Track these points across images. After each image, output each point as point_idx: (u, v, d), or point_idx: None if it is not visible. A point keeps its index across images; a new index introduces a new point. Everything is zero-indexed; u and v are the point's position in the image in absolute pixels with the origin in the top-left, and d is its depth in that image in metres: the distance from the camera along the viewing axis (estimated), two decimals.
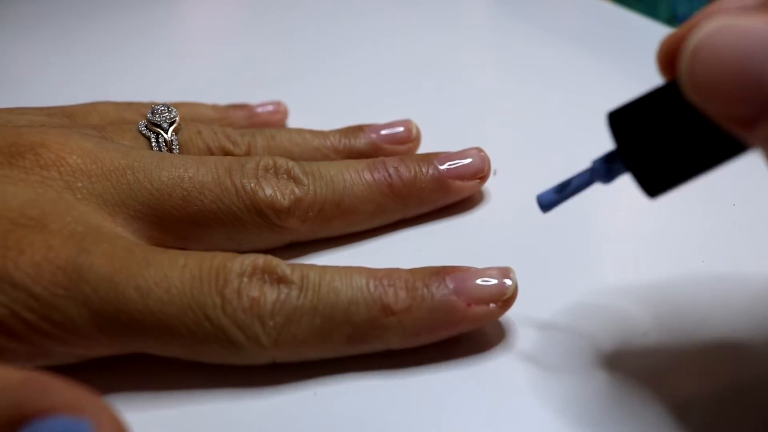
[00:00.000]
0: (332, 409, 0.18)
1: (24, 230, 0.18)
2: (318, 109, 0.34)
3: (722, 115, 0.14)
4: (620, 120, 0.17)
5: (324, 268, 0.19)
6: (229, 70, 0.38)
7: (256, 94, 0.32)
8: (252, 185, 0.22)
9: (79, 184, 0.20)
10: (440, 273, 0.20)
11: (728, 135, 0.15)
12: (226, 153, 0.25)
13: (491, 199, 0.27)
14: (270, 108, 0.31)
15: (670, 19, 0.41)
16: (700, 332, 0.20)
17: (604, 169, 0.18)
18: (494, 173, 0.26)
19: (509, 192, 0.27)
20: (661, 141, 0.16)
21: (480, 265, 0.23)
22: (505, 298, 0.19)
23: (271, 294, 0.18)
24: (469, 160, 0.25)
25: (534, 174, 0.28)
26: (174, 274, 0.18)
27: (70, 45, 0.42)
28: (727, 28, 0.13)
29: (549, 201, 0.19)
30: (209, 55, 0.41)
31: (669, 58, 0.17)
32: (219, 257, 0.19)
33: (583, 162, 0.19)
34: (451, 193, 0.25)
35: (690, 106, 0.15)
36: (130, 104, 0.27)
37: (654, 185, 0.16)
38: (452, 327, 0.19)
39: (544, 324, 0.21)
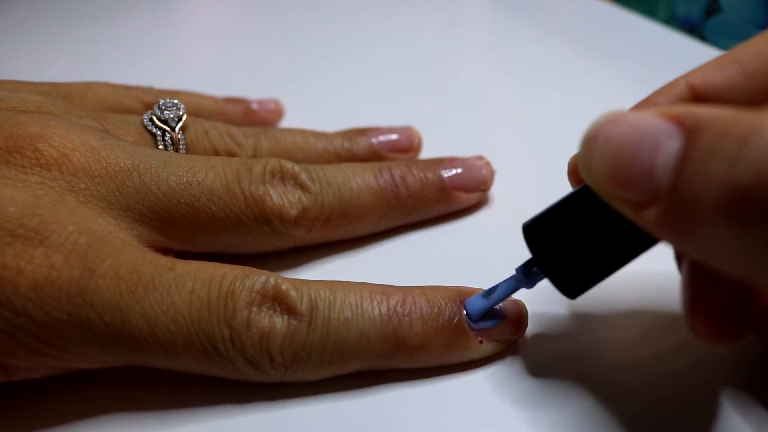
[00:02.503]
0: (333, 408, 0.18)
1: (23, 244, 0.17)
2: (318, 109, 0.34)
3: (614, 198, 0.15)
4: (534, 231, 0.18)
5: (334, 290, 0.19)
6: (228, 70, 0.38)
7: (256, 94, 0.32)
8: (260, 191, 0.21)
9: (82, 186, 0.19)
10: (455, 299, 0.19)
11: (632, 235, 0.16)
12: (232, 155, 0.24)
13: (492, 200, 0.27)
14: (267, 106, 0.31)
15: (669, 20, 0.41)
16: None
17: (524, 276, 0.19)
18: (494, 173, 0.27)
19: (510, 193, 0.27)
20: (572, 247, 0.17)
21: (481, 266, 0.23)
22: (514, 338, 0.20)
23: (280, 327, 0.18)
24: (473, 171, 0.25)
25: (534, 174, 0.28)
26: (181, 302, 0.17)
27: (69, 45, 0.42)
28: (618, 118, 0.14)
29: (477, 307, 0.19)
30: (209, 55, 0.41)
31: (577, 170, 0.18)
32: (228, 279, 0.18)
33: None
34: (454, 203, 0.25)
35: (595, 212, 0.16)
36: (128, 88, 0.26)
37: (571, 288, 0.18)
38: (462, 359, 0.19)
39: (544, 324, 0.21)
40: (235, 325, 0.18)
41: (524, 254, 0.19)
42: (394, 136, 0.28)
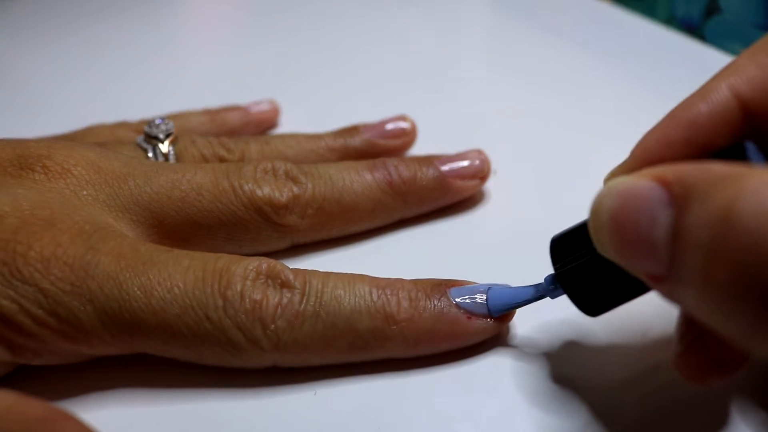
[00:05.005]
0: (332, 408, 0.18)
1: (34, 227, 0.18)
2: (318, 109, 0.34)
3: (633, 271, 0.14)
4: (558, 249, 0.18)
5: (327, 274, 0.20)
6: (227, 71, 0.38)
7: (255, 95, 0.32)
8: (250, 185, 0.22)
9: (84, 192, 0.21)
10: (442, 285, 0.20)
11: None
12: (221, 160, 0.25)
13: (491, 199, 0.27)
14: (263, 107, 0.31)
15: (669, 20, 0.41)
16: None
17: (551, 288, 0.19)
18: (494, 173, 0.27)
19: (509, 192, 0.27)
20: (595, 270, 0.17)
21: (480, 265, 0.23)
22: (503, 315, 0.20)
23: (273, 298, 0.18)
24: (469, 162, 0.25)
25: (533, 174, 0.28)
26: (177, 275, 0.18)
27: (69, 45, 0.42)
28: (615, 191, 0.14)
29: (499, 302, 0.19)
30: (208, 56, 0.41)
31: None
32: (223, 259, 0.19)
33: (581, 162, 0.19)
34: (451, 192, 0.25)
35: None
36: (121, 123, 0.28)
37: (590, 308, 0.18)
38: (453, 339, 0.19)
39: (544, 324, 0.21)
40: (228, 296, 0.18)
41: (523, 252, 0.19)
42: (387, 126, 0.28)
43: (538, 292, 0.19)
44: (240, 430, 0.18)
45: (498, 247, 0.24)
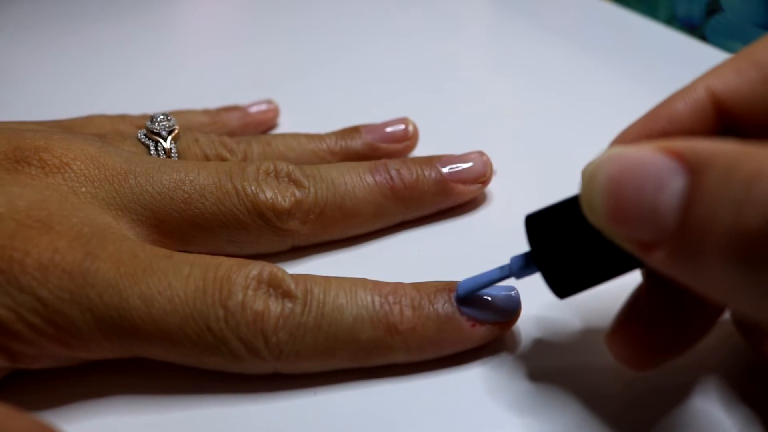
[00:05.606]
0: (332, 408, 0.18)
1: (30, 231, 0.18)
2: (318, 110, 0.34)
3: (618, 237, 0.14)
4: (535, 223, 0.18)
5: (329, 281, 0.19)
6: (227, 71, 0.38)
7: (255, 96, 0.32)
8: (253, 188, 0.22)
9: (83, 189, 0.20)
10: (445, 289, 0.20)
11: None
12: (223, 160, 0.25)
13: (492, 200, 0.27)
14: (262, 107, 0.31)
15: (670, 19, 0.41)
16: None
17: (519, 266, 0.18)
18: (495, 174, 0.26)
19: (510, 192, 0.27)
20: (570, 246, 0.17)
21: (481, 267, 0.23)
22: (507, 320, 0.20)
23: (275, 309, 0.18)
24: (471, 164, 0.25)
25: (534, 174, 0.28)
26: (178, 284, 0.18)
27: (69, 45, 0.42)
28: (618, 155, 0.14)
29: (464, 286, 0.19)
30: (208, 56, 0.41)
31: None
32: (224, 267, 0.19)
33: (582, 162, 0.19)
34: (452, 196, 0.25)
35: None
36: (123, 117, 0.27)
37: (561, 288, 0.18)
38: (456, 345, 0.19)
39: (544, 323, 0.21)
40: (230, 306, 0.18)
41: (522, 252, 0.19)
42: (389, 129, 0.28)
43: (503, 272, 0.19)
44: (238, 426, 0.18)
45: (499, 247, 0.24)
